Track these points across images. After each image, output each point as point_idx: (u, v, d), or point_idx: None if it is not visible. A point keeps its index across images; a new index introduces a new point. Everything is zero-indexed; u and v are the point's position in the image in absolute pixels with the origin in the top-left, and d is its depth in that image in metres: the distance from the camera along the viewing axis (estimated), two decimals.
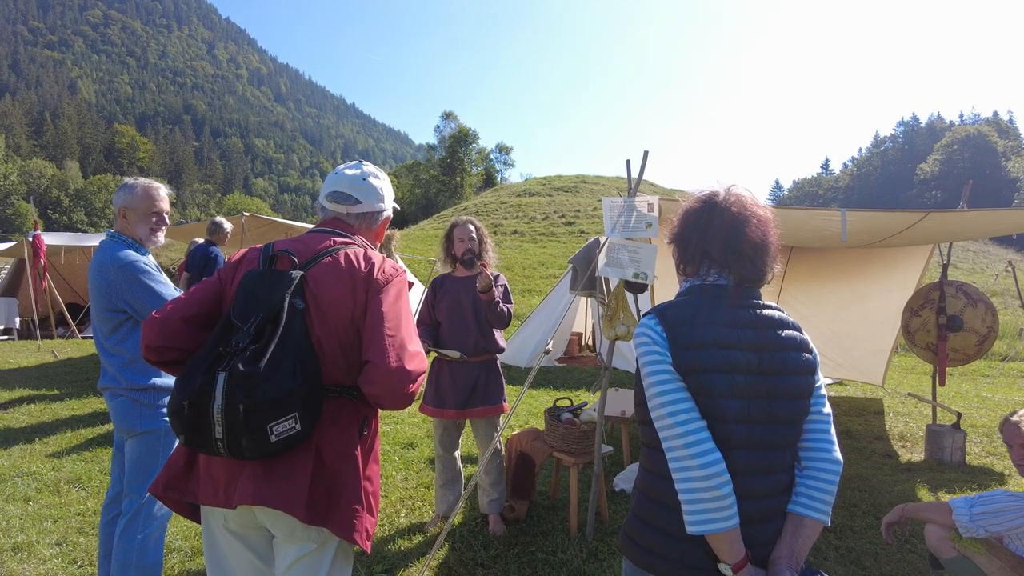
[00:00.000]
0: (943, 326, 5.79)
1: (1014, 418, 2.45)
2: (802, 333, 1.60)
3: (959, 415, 5.68)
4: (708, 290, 1.59)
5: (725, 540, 1.41)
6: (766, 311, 1.58)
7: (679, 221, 1.67)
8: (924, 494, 4.67)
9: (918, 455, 5.70)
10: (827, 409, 1.58)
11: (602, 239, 4.05)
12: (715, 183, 1.65)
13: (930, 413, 6.55)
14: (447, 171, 63.22)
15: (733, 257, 1.55)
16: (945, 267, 5.97)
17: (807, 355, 1.56)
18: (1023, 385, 9.52)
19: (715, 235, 1.57)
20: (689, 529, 1.43)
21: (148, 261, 2.56)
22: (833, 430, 1.57)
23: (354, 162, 1.97)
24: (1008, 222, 5.06)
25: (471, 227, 3.81)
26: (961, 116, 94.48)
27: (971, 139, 68.66)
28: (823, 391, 1.59)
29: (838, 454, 1.54)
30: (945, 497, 4.17)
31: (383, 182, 1.96)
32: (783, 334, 1.55)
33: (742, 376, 1.49)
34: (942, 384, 6.07)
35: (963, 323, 5.78)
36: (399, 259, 9.68)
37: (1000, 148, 67.80)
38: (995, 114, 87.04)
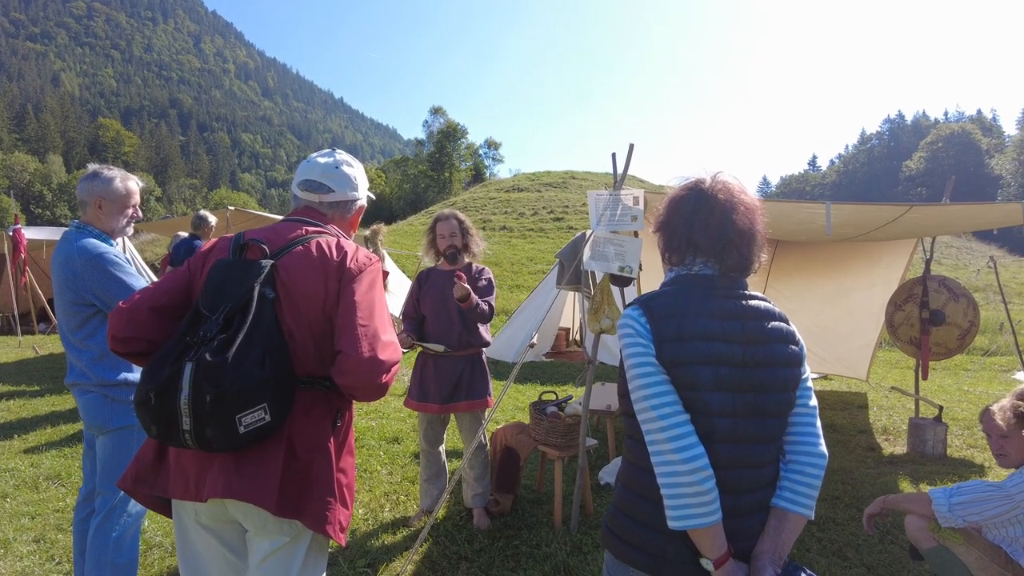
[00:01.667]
0: (926, 320, 5.84)
1: (993, 408, 2.47)
2: (789, 324, 1.57)
3: (941, 408, 5.74)
4: (694, 280, 1.56)
5: (707, 535, 1.39)
6: (752, 302, 1.55)
7: (664, 209, 1.64)
8: (906, 486, 4.71)
9: (900, 448, 5.76)
10: (813, 402, 1.56)
11: (588, 233, 4.04)
12: (701, 170, 1.62)
13: (913, 407, 6.61)
14: (435, 166, 62.96)
15: (720, 245, 1.52)
16: (928, 262, 6.02)
17: (793, 347, 1.54)
18: (1003, 379, 9.62)
19: (702, 223, 1.53)
20: (671, 524, 1.41)
21: (118, 252, 2.49)
22: (819, 423, 1.56)
23: (327, 150, 1.94)
24: (989, 216, 5.10)
25: (454, 221, 3.79)
26: (946, 114, 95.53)
27: (955, 137, 69.40)
28: (809, 384, 1.57)
29: (823, 448, 1.52)
30: (926, 489, 4.21)
31: (357, 170, 1.93)
32: (769, 326, 1.53)
33: (727, 369, 1.46)
34: (925, 378, 6.13)
35: (945, 317, 5.83)
36: (386, 254, 9.63)
37: (984, 146, 68.59)
38: (979, 112, 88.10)
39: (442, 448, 3.90)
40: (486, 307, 3.57)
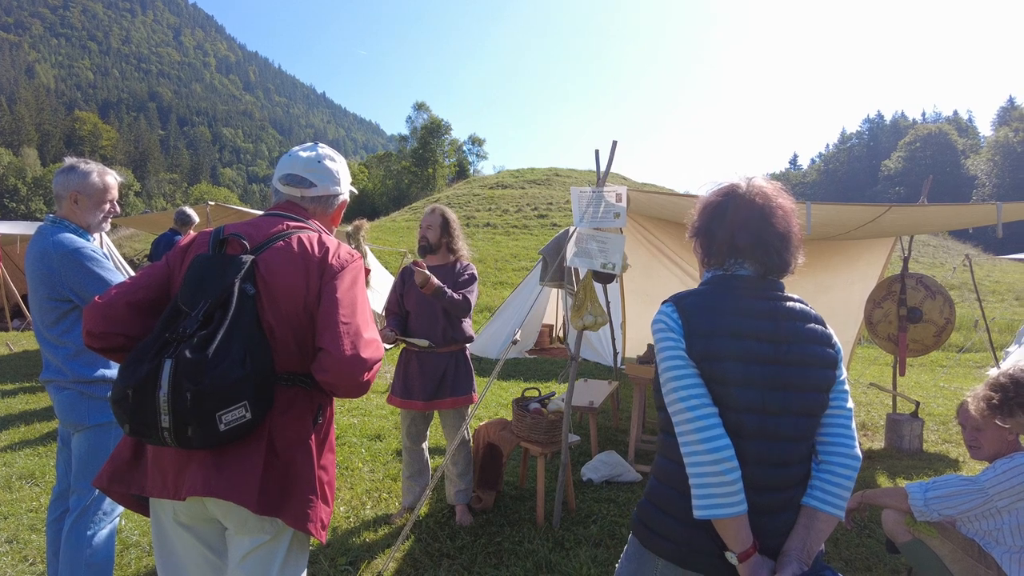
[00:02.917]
0: (904, 317, 5.93)
1: (968, 398, 2.52)
2: (826, 327, 1.60)
3: (917, 404, 5.84)
4: (729, 280, 1.60)
5: (731, 527, 1.42)
6: (788, 303, 1.59)
7: (700, 215, 1.67)
8: (883, 480, 4.79)
9: (878, 443, 5.84)
10: (849, 404, 1.58)
11: (572, 230, 4.04)
12: (735, 175, 1.66)
13: (890, 402, 6.71)
14: (419, 162, 62.60)
15: (761, 249, 1.56)
16: (906, 260, 6.11)
17: (829, 350, 1.57)
18: (978, 375, 9.80)
19: (741, 228, 1.57)
20: (696, 513, 1.44)
21: (95, 247, 2.45)
22: (854, 426, 1.57)
23: (309, 144, 1.91)
24: (965, 216, 5.18)
25: (436, 215, 3.74)
26: (923, 115, 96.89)
27: (932, 137, 70.42)
28: (845, 387, 1.59)
29: (858, 451, 1.54)
30: (903, 483, 4.27)
31: (339, 165, 1.91)
32: (805, 327, 1.56)
33: (757, 366, 1.49)
34: (902, 374, 6.22)
35: (922, 314, 5.92)
36: (368, 250, 9.56)
37: (960, 147, 69.68)
38: (955, 113, 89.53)
39: (425, 445, 3.88)
40: (459, 297, 3.52)
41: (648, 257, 7.21)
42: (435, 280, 3.41)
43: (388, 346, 3.41)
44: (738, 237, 1.57)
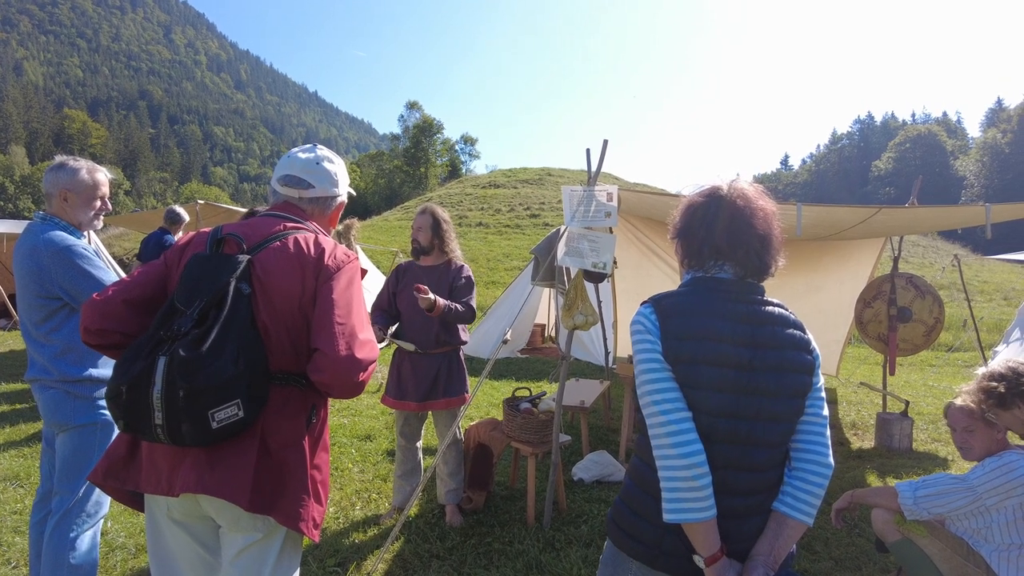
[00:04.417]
0: (894, 317, 5.96)
1: (957, 402, 2.52)
2: (805, 333, 1.59)
3: (907, 403, 5.86)
4: (709, 283, 1.59)
5: (700, 531, 1.42)
6: (767, 307, 1.57)
7: (682, 216, 1.67)
8: (873, 480, 4.80)
9: (868, 442, 5.86)
10: (825, 412, 1.57)
11: (563, 229, 4.02)
12: (716, 178, 1.66)
13: (880, 402, 6.74)
14: (411, 161, 62.57)
15: (741, 251, 1.55)
16: (896, 260, 6.14)
17: (807, 355, 1.55)
18: (967, 374, 9.86)
19: (722, 229, 1.56)
20: (665, 517, 1.43)
21: (86, 245, 2.42)
22: (828, 433, 1.56)
23: (308, 145, 1.92)
24: (954, 217, 5.22)
25: (428, 216, 3.69)
26: (913, 115, 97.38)
27: (922, 138, 70.96)
28: (822, 394, 1.58)
29: (830, 459, 1.53)
30: (892, 482, 4.28)
31: (337, 166, 1.92)
32: (784, 331, 1.55)
33: (732, 371, 1.48)
34: (892, 373, 6.26)
35: (912, 314, 5.95)
36: (360, 249, 9.53)
37: (948, 147, 70.26)
38: (944, 114, 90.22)
39: (419, 444, 3.87)
40: (462, 308, 3.51)
41: (639, 257, 7.22)
42: (441, 302, 3.39)
43: (380, 345, 3.39)
44: (719, 238, 1.57)
